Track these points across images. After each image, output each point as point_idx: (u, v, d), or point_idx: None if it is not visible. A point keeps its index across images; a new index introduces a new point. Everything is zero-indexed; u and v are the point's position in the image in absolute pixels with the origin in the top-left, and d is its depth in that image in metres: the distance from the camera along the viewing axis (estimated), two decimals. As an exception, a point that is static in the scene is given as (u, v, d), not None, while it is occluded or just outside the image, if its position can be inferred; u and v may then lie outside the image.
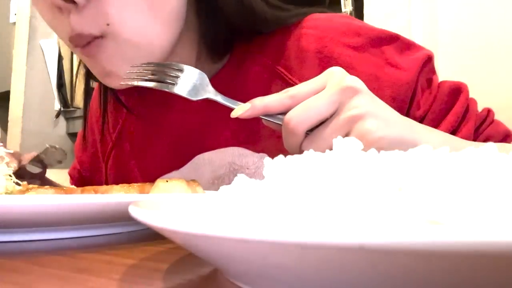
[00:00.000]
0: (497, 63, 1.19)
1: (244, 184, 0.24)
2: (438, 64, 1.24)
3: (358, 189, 0.19)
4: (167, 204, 0.27)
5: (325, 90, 0.36)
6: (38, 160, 0.52)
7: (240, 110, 0.36)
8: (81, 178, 0.72)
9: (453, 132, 0.49)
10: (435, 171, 0.18)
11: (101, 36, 0.39)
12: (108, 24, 0.38)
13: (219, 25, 0.47)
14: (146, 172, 0.58)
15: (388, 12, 1.16)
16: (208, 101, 0.39)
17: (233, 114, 0.36)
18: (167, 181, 0.40)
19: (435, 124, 0.49)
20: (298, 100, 0.36)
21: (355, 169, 0.20)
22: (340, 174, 0.20)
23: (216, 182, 0.53)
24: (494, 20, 1.20)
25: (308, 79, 0.38)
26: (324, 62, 0.49)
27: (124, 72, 0.40)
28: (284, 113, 0.36)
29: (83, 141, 0.66)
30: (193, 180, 0.43)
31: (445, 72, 1.25)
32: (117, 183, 0.42)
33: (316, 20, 0.52)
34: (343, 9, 1.29)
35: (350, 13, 1.27)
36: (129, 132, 0.60)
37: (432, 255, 0.13)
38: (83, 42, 0.39)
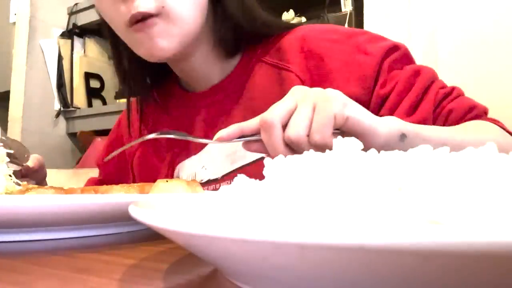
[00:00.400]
0: (497, 61, 1.19)
1: (244, 184, 0.24)
2: (438, 63, 1.24)
3: (358, 189, 0.19)
4: (167, 204, 0.27)
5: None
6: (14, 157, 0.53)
7: (220, 133, 0.40)
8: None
9: (414, 109, 0.53)
10: (435, 171, 0.18)
11: (156, 15, 0.49)
12: (163, 6, 0.49)
13: (228, 27, 0.57)
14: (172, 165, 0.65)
15: (388, 12, 1.16)
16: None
17: (216, 137, 0.40)
18: (167, 181, 0.40)
19: (398, 102, 0.53)
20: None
21: (355, 169, 0.20)
22: (340, 174, 0.20)
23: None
24: (494, 19, 1.20)
25: (301, 69, 0.54)
26: (307, 55, 0.58)
27: (168, 45, 0.51)
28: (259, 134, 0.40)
29: (107, 151, 0.75)
30: (193, 180, 0.43)
31: (444, 70, 1.25)
32: (142, 180, 0.48)
33: (308, 26, 0.64)
34: (343, 9, 1.29)
35: (350, 13, 1.27)
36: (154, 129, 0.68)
37: (432, 255, 0.13)
38: (139, 19, 0.49)
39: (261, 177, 0.24)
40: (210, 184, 0.61)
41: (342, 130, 0.39)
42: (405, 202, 0.17)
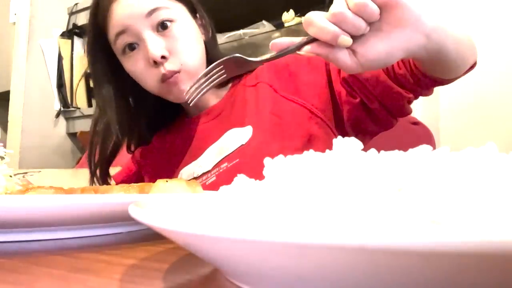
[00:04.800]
0: (496, 61, 1.19)
1: (244, 184, 0.24)
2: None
3: (358, 189, 0.19)
4: (167, 204, 0.27)
5: None
6: None
7: (273, 41, 0.49)
8: None
9: None
10: (435, 172, 0.18)
11: (178, 72, 0.70)
12: (182, 64, 0.70)
13: None
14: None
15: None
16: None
17: (272, 44, 0.49)
18: (167, 181, 0.40)
19: None
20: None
21: (355, 169, 0.20)
22: (340, 174, 0.20)
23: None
24: (494, 19, 1.20)
25: (270, 78, 0.75)
26: (273, 69, 0.76)
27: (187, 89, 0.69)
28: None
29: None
30: (193, 180, 0.43)
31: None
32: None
33: None
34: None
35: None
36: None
37: (432, 255, 0.13)
38: (170, 77, 0.69)
39: (242, 159, 0.26)
40: (203, 175, 0.73)
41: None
42: (405, 202, 0.17)
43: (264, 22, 1.52)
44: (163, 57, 0.69)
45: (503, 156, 0.19)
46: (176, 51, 0.70)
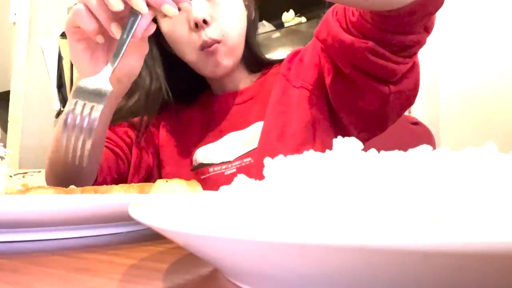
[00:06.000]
0: (497, 61, 1.19)
1: (244, 184, 0.24)
2: (437, 60, 1.24)
3: (358, 189, 0.19)
4: (167, 204, 0.27)
5: None
6: None
7: None
8: None
9: None
10: (435, 171, 0.18)
11: (218, 41, 0.67)
12: (223, 35, 0.67)
13: (248, 54, 0.77)
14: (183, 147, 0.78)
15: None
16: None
17: None
18: (167, 181, 0.40)
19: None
20: None
21: (355, 169, 0.20)
22: (340, 174, 0.20)
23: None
24: (494, 19, 1.21)
25: (285, 69, 0.73)
26: (291, 59, 0.75)
27: (228, 64, 0.70)
28: None
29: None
30: (193, 180, 0.43)
31: (444, 70, 1.25)
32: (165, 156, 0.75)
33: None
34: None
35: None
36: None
37: (432, 255, 0.13)
38: (210, 45, 0.67)
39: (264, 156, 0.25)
40: (223, 164, 0.70)
41: None
42: (405, 202, 0.17)
43: (264, 22, 1.52)
44: (205, 21, 0.66)
45: (503, 156, 0.19)
46: (219, 19, 0.67)
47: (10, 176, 0.43)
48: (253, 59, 0.79)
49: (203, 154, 0.73)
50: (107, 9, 0.46)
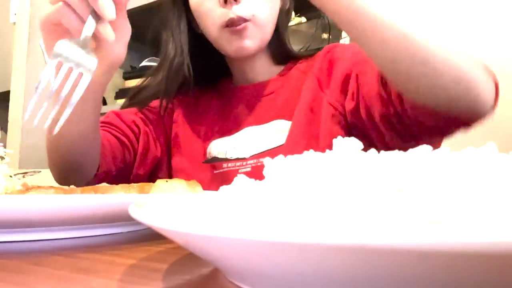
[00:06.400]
0: (496, 61, 1.19)
1: (244, 184, 0.24)
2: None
3: (358, 189, 0.19)
4: (167, 204, 0.27)
5: None
6: None
7: None
8: None
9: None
10: (435, 171, 0.18)
11: (247, 20, 0.63)
12: (253, 15, 0.64)
13: (276, 43, 0.74)
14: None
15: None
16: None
17: None
18: (166, 181, 0.40)
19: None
20: None
21: (355, 169, 0.20)
22: (340, 174, 0.20)
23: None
24: (494, 18, 1.20)
25: (320, 71, 0.69)
26: (326, 61, 0.69)
27: (252, 45, 0.66)
28: None
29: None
30: (193, 180, 0.43)
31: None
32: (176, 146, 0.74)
33: (338, 44, 0.79)
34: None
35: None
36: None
37: (432, 255, 0.13)
38: (237, 24, 0.63)
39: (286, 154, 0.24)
40: (238, 161, 0.68)
41: None
42: (405, 202, 0.17)
43: (264, 22, 1.52)
44: None
45: (503, 156, 0.19)
46: None
47: (10, 176, 0.43)
48: (281, 49, 0.75)
49: (218, 147, 0.71)
50: (87, 6, 0.45)
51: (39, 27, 0.49)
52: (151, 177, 0.74)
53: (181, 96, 0.77)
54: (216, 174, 0.69)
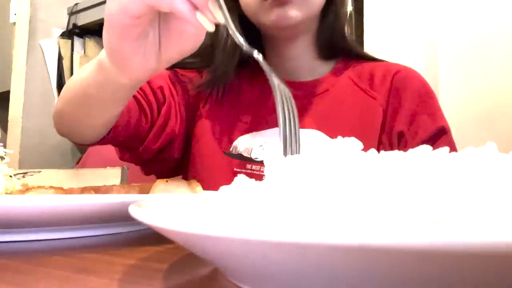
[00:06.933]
0: (497, 61, 1.19)
1: (244, 184, 0.24)
2: (438, 63, 1.24)
3: (358, 189, 0.19)
4: (167, 204, 0.27)
5: None
6: None
7: None
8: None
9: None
10: (435, 172, 0.18)
11: None
12: None
13: (326, 33, 0.70)
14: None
15: (388, 12, 1.16)
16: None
17: None
18: (167, 181, 0.40)
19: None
20: None
21: (355, 169, 0.20)
22: (340, 174, 0.20)
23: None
24: (494, 19, 1.20)
25: (384, 100, 0.67)
26: (393, 92, 0.68)
27: (296, 15, 0.61)
28: None
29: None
30: (193, 180, 0.43)
31: (444, 69, 1.25)
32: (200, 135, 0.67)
33: (405, 67, 0.74)
34: (343, 9, 1.29)
35: (350, 13, 1.27)
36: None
37: (432, 255, 0.13)
38: None
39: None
40: (263, 165, 0.63)
41: None
42: (405, 202, 0.17)
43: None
44: None
45: (503, 156, 0.19)
46: None
47: (10, 176, 0.43)
48: (329, 39, 0.70)
49: (245, 143, 0.66)
50: None
51: (104, 25, 0.40)
52: (160, 154, 0.67)
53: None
54: (237, 173, 0.64)
